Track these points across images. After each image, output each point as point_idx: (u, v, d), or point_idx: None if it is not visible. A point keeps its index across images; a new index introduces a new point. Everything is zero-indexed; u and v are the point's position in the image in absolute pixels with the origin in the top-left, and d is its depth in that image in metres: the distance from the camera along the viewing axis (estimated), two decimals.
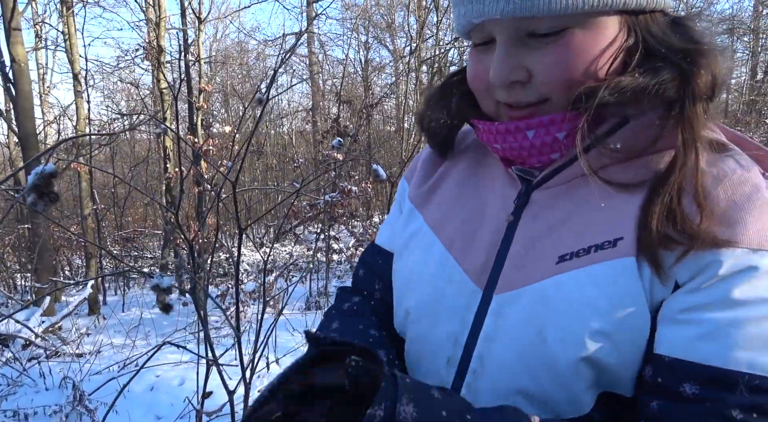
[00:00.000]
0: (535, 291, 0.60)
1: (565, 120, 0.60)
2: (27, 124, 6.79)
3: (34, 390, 4.05)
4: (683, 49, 0.58)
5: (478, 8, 0.59)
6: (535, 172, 0.67)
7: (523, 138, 0.62)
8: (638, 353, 0.55)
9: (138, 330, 6.00)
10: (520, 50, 0.60)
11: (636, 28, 0.59)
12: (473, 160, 0.78)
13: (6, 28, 6.68)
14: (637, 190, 0.58)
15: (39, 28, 11.22)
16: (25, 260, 7.67)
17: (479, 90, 0.66)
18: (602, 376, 0.56)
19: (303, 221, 5.66)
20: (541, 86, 0.60)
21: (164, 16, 8.73)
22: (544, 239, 0.63)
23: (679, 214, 0.54)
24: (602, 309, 0.55)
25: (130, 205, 11.38)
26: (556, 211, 0.64)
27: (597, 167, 0.59)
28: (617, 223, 0.58)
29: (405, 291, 0.74)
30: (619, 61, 0.59)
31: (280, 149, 15.24)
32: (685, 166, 0.56)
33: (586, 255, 0.58)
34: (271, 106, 12.24)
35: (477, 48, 0.65)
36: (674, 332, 0.53)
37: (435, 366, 0.67)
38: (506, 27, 0.59)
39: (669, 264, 0.54)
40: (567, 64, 0.58)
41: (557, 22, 0.57)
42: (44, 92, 12.20)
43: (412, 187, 0.83)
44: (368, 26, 14.51)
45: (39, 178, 1.45)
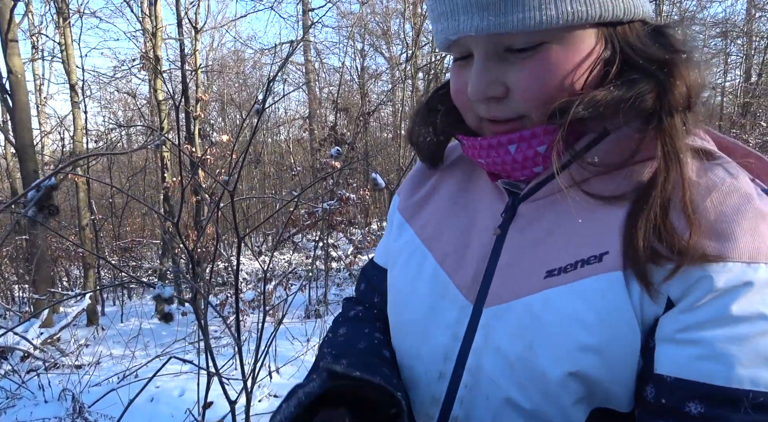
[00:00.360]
0: (523, 306, 0.60)
1: (545, 133, 0.60)
2: (24, 135, 6.78)
3: (33, 403, 4.03)
4: (661, 59, 0.58)
5: (453, 25, 0.59)
6: (521, 184, 0.67)
7: (506, 152, 0.63)
8: (630, 368, 0.55)
9: (137, 340, 5.97)
10: (498, 65, 0.60)
11: (614, 39, 0.59)
12: (463, 174, 0.78)
13: (3, 40, 6.69)
14: (620, 202, 0.58)
15: (36, 39, 11.24)
16: (23, 271, 7.64)
17: (462, 105, 0.67)
18: (594, 392, 0.56)
19: (301, 229, 5.66)
20: (519, 102, 0.60)
21: (161, 26, 8.75)
22: (531, 252, 0.63)
23: (667, 229, 0.54)
24: (591, 325, 0.55)
25: (127, 215, 11.36)
26: (543, 224, 0.64)
27: (579, 180, 0.60)
28: (602, 237, 0.58)
29: (398, 306, 0.75)
30: (597, 73, 0.59)
31: (277, 157, 15.26)
32: (668, 179, 0.55)
33: (574, 270, 0.58)
34: (267, 114, 12.25)
35: (458, 62, 0.65)
36: (674, 352, 0.53)
37: (427, 380, 0.67)
38: (483, 42, 0.60)
39: (658, 280, 0.54)
40: (543, 79, 0.58)
41: (533, 37, 0.57)
42: (41, 103, 12.20)
43: (402, 198, 0.84)
44: (364, 34, 14.57)
45: (39, 191, 1.46)
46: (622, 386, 0.56)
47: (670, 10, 10.37)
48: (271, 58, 14.29)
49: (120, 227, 10.41)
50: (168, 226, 6.91)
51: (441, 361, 0.66)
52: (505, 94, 0.60)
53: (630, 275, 0.55)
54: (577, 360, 0.55)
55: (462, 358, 0.64)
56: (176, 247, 6.97)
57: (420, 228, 0.77)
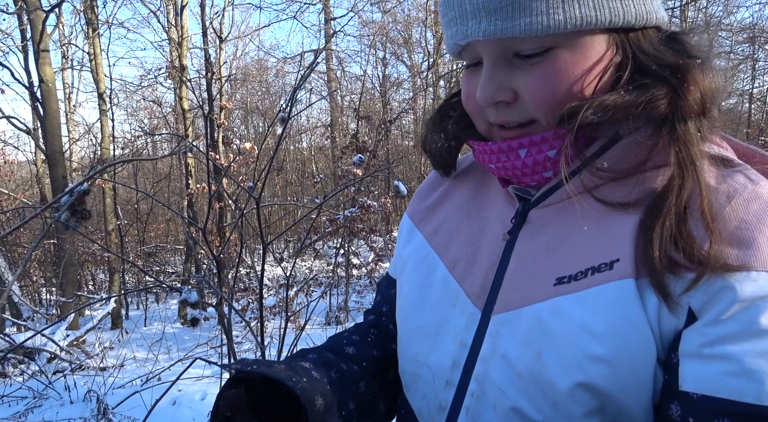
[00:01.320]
0: (532, 313, 0.59)
1: (555, 138, 0.59)
2: (54, 142, 6.96)
3: (59, 403, 4.11)
4: (675, 64, 0.56)
5: (462, 30, 0.59)
6: (531, 190, 0.66)
7: (516, 157, 0.62)
8: (644, 381, 0.53)
9: (160, 344, 6.06)
10: (507, 71, 0.60)
11: (626, 45, 0.58)
12: (475, 182, 0.78)
13: (35, 50, 6.88)
14: (631, 210, 0.57)
15: (66, 49, 11.55)
16: (50, 274, 7.81)
17: (472, 110, 0.66)
18: (605, 404, 0.54)
19: (323, 236, 5.69)
20: (528, 106, 0.60)
21: (186, 36, 8.93)
22: (541, 259, 0.62)
23: (684, 238, 0.52)
24: (600, 334, 0.53)
25: (152, 221, 11.55)
26: (553, 230, 0.63)
27: (590, 186, 0.59)
28: (613, 244, 0.57)
29: (407, 312, 0.74)
30: (608, 78, 0.58)
31: (299, 164, 15.38)
32: (683, 186, 0.54)
33: (584, 278, 0.56)
34: (290, 122, 12.35)
35: (469, 69, 0.65)
36: (700, 368, 0.50)
37: (433, 387, 0.66)
38: (492, 48, 0.59)
39: (678, 291, 0.51)
40: (552, 85, 0.57)
41: (541, 43, 0.57)
42: (70, 111, 12.51)
43: (412, 204, 0.84)
44: (385, 42, 14.67)
45: (72, 196, 1.50)
46: (636, 399, 0.53)
47: (695, 16, 10.22)
48: (294, 67, 14.44)
49: (145, 232, 10.58)
50: (192, 232, 7.01)
51: (448, 369, 0.65)
52: (513, 99, 0.60)
53: (645, 285, 0.53)
54: (586, 370, 0.53)
55: (469, 366, 0.63)
56: (200, 253, 7.06)
57: (430, 234, 0.77)
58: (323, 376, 0.65)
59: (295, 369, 0.61)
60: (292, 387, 0.57)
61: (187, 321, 7.67)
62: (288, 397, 0.62)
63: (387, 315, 0.86)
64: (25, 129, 8.17)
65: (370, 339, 0.81)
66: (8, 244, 7.77)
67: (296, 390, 0.57)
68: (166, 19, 10.14)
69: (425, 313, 0.70)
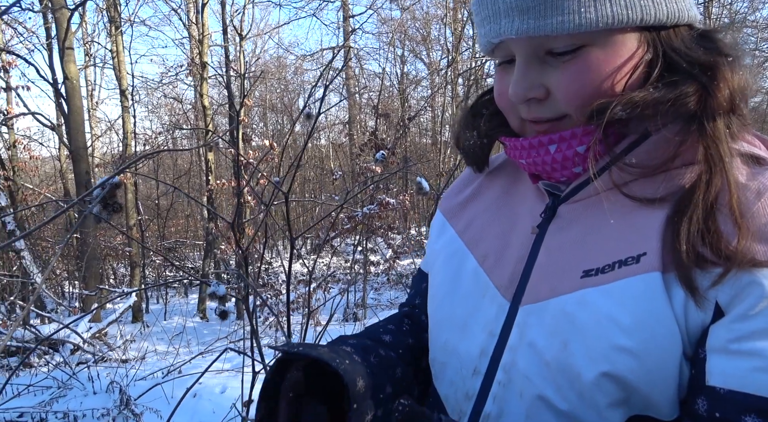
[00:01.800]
0: (559, 305, 0.60)
1: (585, 134, 0.60)
2: (78, 138, 7.08)
3: (83, 393, 4.19)
4: (705, 62, 0.57)
5: (495, 28, 0.61)
6: (561, 186, 0.67)
7: (546, 152, 0.63)
8: (670, 374, 0.53)
9: (180, 338, 6.14)
10: (539, 68, 0.61)
11: (657, 43, 0.59)
12: (507, 180, 0.79)
13: (60, 48, 7.01)
14: (659, 205, 0.57)
15: (89, 46, 11.74)
16: (73, 268, 7.95)
17: (504, 107, 0.68)
18: (631, 396, 0.55)
19: (341, 233, 5.72)
20: (559, 103, 0.61)
21: (207, 34, 9.01)
22: (569, 252, 0.63)
23: (712, 233, 0.52)
24: (626, 326, 0.54)
25: (172, 217, 11.69)
26: (581, 225, 0.64)
27: (620, 181, 0.59)
28: (640, 238, 0.57)
29: (438, 303, 0.76)
30: (638, 76, 0.59)
31: (317, 162, 15.45)
32: (712, 182, 0.54)
33: (611, 271, 0.57)
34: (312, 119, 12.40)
35: (501, 66, 0.67)
36: (728, 363, 0.51)
37: (461, 376, 0.68)
38: (524, 46, 0.61)
39: (705, 286, 0.52)
40: (583, 82, 0.58)
41: (574, 41, 0.58)
42: (93, 108, 12.71)
43: (445, 199, 0.86)
44: (404, 40, 14.65)
45: (104, 189, 1.54)
46: (662, 393, 0.54)
47: (720, 13, 10.05)
48: (312, 65, 14.49)
49: (165, 228, 10.72)
50: (212, 228, 7.09)
51: (476, 357, 0.66)
52: (545, 96, 0.61)
53: (672, 279, 0.53)
54: (612, 360, 0.54)
55: (497, 355, 0.64)
56: (219, 248, 7.13)
57: (461, 229, 0.78)
58: (363, 360, 0.67)
59: (337, 352, 0.62)
60: (336, 368, 0.58)
61: (206, 315, 7.77)
62: (330, 379, 0.63)
63: (420, 307, 0.88)
64: (49, 125, 8.33)
65: (404, 328, 0.83)
66: (33, 238, 7.92)
67: (339, 371, 0.58)
68: (187, 17, 10.26)
69: (455, 304, 0.72)
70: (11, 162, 8.38)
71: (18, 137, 9.19)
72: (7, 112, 8.62)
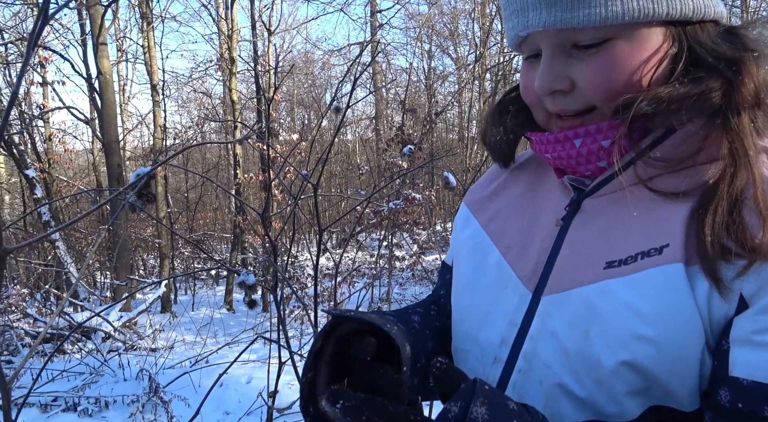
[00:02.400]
0: (582, 295, 0.60)
1: (610, 128, 0.61)
2: (110, 132, 7.24)
3: (114, 380, 4.30)
4: (730, 57, 0.57)
5: (522, 22, 0.62)
6: (586, 181, 0.68)
7: (571, 146, 0.64)
8: (691, 364, 0.54)
9: (208, 328, 6.25)
10: (565, 61, 0.62)
11: (682, 38, 0.60)
12: (532, 175, 0.80)
13: (94, 43, 7.17)
14: (683, 199, 0.58)
15: (121, 42, 11.97)
16: (104, 259, 8.15)
17: (531, 101, 0.69)
18: (651, 386, 0.55)
19: (367, 227, 5.74)
20: (584, 95, 0.62)
21: (236, 29, 9.10)
22: (593, 244, 0.63)
23: (737, 226, 0.53)
24: (648, 315, 0.54)
25: (200, 209, 11.88)
26: (605, 218, 0.64)
27: (645, 177, 0.60)
28: (663, 231, 0.58)
29: (461, 293, 0.77)
30: (663, 70, 0.60)
31: (343, 157, 15.52)
32: (736, 175, 0.54)
33: (634, 262, 0.58)
34: (337, 114, 12.47)
35: (528, 61, 0.68)
36: (751, 354, 0.51)
37: (482, 363, 0.69)
38: (551, 38, 0.62)
39: (729, 277, 0.52)
40: (609, 75, 0.59)
41: (600, 34, 0.59)
42: (124, 102, 12.98)
43: (470, 193, 0.88)
44: (431, 35, 14.59)
45: (139, 179, 1.57)
46: (682, 383, 0.54)
47: (758, 5, 9.74)
48: (339, 60, 14.54)
49: (193, 221, 10.90)
50: (239, 221, 7.18)
51: (497, 346, 0.67)
52: (570, 88, 0.62)
53: (696, 271, 0.54)
54: (632, 349, 0.55)
55: (518, 344, 0.65)
56: (246, 240, 7.23)
57: (486, 222, 0.79)
58: (405, 329, 0.69)
59: (386, 319, 0.64)
60: (388, 332, 0.60)
61: (232, 307, 7.88)
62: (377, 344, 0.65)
63: (445, 298, 0.90)
64: (83, 119, 8.53)
65: (432, 312, 0.86)
66: (66, 229, 8.14)
67: (391, 334, 0.60)
68: (217, 13, 10.38)
69: (478, 294, 0.73)
70: (47, 155, 8.62)
71: (53, 131, 9.44)
72: (44, 106, 8.88)
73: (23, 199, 8.57)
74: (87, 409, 3.84)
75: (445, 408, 0.47)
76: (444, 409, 0.48)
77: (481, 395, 0.47)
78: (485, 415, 0.46)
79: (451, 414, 0.47)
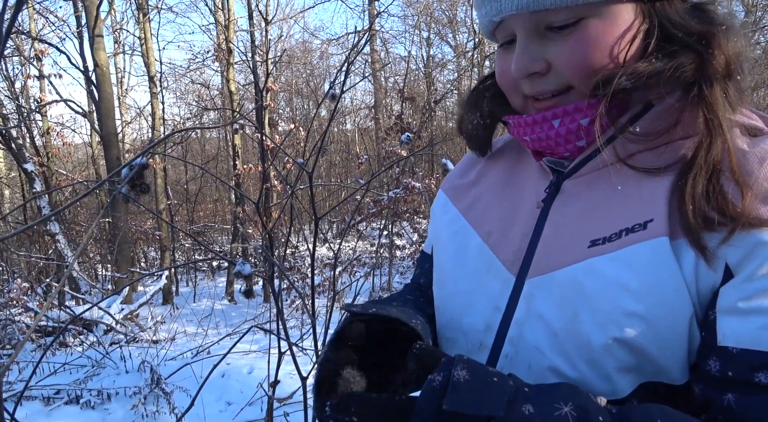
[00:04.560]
0: (566, 275, 0.61)
1: (589, 107, 0.61)
2: (108, 124, 7.21)
3: (116, 372, 4.32)
4: (701, 32, 0.59)
5: (496, 6, 0.63)
6: (565, 162, 0.68)
7: (549, 127, 0.64)
8: (680, 337, 0.54)
9: (209, 320, 6.26)
10: (540, 43, 0.62)
11: (653, 14, 0.61)
12: (510, 161, 0.80)
13: (90, 36, 7.12)
14: (664, 174, 0.59)
15: (118, 34, 11.90)
16: (105, 251, 8.15)
17: (506, 87, 0.69)
18: (642, 362, 0.56)
19: (367, 217, 5.73)
20: (562, 73, 0.62)
21: (233, 19, 9.03)
22: (575, 224, 0.64)
23: (717, 195, 0.54)
24: (636, 291, 0.55)
25: (200, 201, 11.87)
26: (586, 198, 0.65)
27: (624, 155, 0.61)
28: (646, 206, 0.59)
29: (443, 281, 0.77)
30: (637, 47, 0.61)
31: (343, 146, 15.47)
32: (712, 145, 0.56)
33: (618, 239, 0.58)
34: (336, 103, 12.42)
35: (502, 47, 0.68)
36: (738, 322, 0.52)
37: (467, 351, 0.69)
38: (525, 21, 0.62)
39: (714, 245, 0.53)
40: (585, 53, 0.60)
41: (573, 14, 0.59)
42: (122, 94, 12.92)
43: (447, 181, 0.88)
44: (430, 22, 14.48)
45: (132, 170, 1.55)
46: (672, 356, 0.55)
47: None
48: (338, 49, 14.44)
49: (193, 212, 10.89)
50: (239, 212, 7.17)
51: (482, 332, 0.67)
52: (546, 69, 0.63)
53: (681, 245, 0.55)
54: (622, 325, 0.55)
55: (503, 329, 0.65)
56: (247, 231, 7.22)
57: (465, 209, 0.79)
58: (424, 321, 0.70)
59: (407, 313, 0.64)
60: (413, 327, 0.61)
61: (233, 298, 7.89)
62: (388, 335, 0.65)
63: (425, 286, 0.90)
64: (81, 112, 8.49)
65: (420, 299, 0.85)
66: (67, 222, 8.14)
67: (417, 330, 0.62)
68: (213, 3, 10.29)
69: (459, 281, 0.73)
70: (45, 148, 8.59)
71: (51, 124, 9.40)
72: (41, 99, 8.83)
73: (23, 193, 8.56)
74: (89, 401, 3.85)
75: (429, 379, 0.51)
76: (428, 380, 0.51)
77: (460, 363, 0.51)
78: (466, 376, 0.50)
79: (434, 383, 0.50)
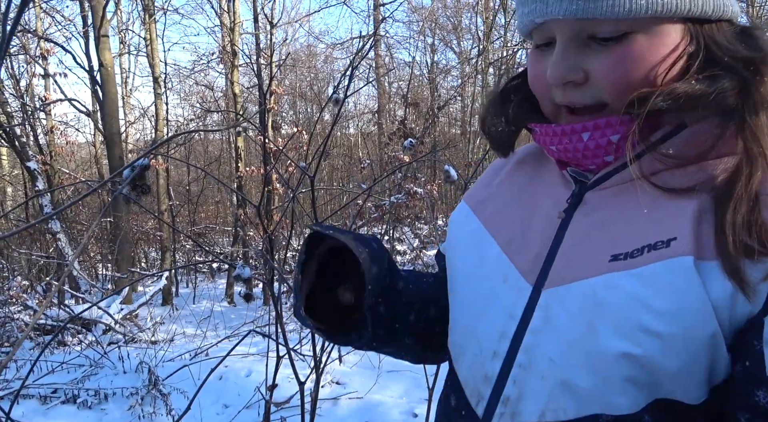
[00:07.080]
0: (585, 287, 0.59)
1: (620, 123, 0.60)
2: (112, 124, 7.24)
3: (113, 372, 4.30)
4: (748, 58, 0.57)
5: (541, 8, 0.60)
6: (589, 174, 0.67)
7: (578, 140, 0.63)
8: (699, 360, 0.53)
9: (208, 321, 6.25)
10: (580, 51, 0.61)
11: (700, 36, 0.59)
12: (532, 170, 0.79)
13: (96, 36, 7.15)
14: (689, 195, 0.58)
15: (123, 35, 11.93)
16: (106, 251, 8.16)
17: (539, 91, 0.67)
18: (656, 379, 0.55)
19: (368, 222, 5.73)
20: (598, 88, 0.60)
21: (238, 22, 9.06)
22: (596, 236, 0.62)
23: (759, 225, 0.52)
24: (656, 309, 0.54)
25: (202, 202, 11.88)
26: (608, 211, 0.64)
27: (649, 172, 0.59)
28: (669, 224, 0.57)
29: (459, 287, 0.76)
30: (679, 68, 0.59)
31: (345, 150, 15.49)
32: (753, 176, 0.54)
33: (640, 255, 0.57)
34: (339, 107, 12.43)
35: (538, 49, 0.66)
36: None
37: (480, 359, 0.68)
38: (568, 28, 0.60)
39: (756, 278, 0.52)
40: (625, 69, 0.58)
41: (620, 26, 0.58)
42: (126, 95, 12.96)
43: (471, 192, 0.87)
44: (435, 28, 14.52)
45: (134, 171, 1.55)
46: (690, 377, 0.54)
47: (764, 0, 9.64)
48: (342, 53, 14.49)
49: (195, 214, 10.90)
50: (240, 214, 7.17)
51: (496, 340, 0.66)
52: (584, 80, 0.61)
53: (711, 267, 0.53)
54: (639, 341, 0.54)
55: (518, 338, 0.64)
56: (248, 234, 7.22)
57: (486, 218, 0.78)
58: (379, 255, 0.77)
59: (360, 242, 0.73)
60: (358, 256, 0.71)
61: (233, 300, 7.89)
62: None
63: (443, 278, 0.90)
64: (85, 111, 8.53)
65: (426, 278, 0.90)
66: (68, 221, 8.15)
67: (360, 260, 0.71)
68: (219, 5, 10.32)
69: (475, 288, 0.72)
70: (49, 147, 8.61)
71: (55, 123, 9.43)
72: (45, 98, 8.86)
73: (25, 191, 8.57)
74: (86, 401, 3.84)
75: None
76: None
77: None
78: None
79: None
